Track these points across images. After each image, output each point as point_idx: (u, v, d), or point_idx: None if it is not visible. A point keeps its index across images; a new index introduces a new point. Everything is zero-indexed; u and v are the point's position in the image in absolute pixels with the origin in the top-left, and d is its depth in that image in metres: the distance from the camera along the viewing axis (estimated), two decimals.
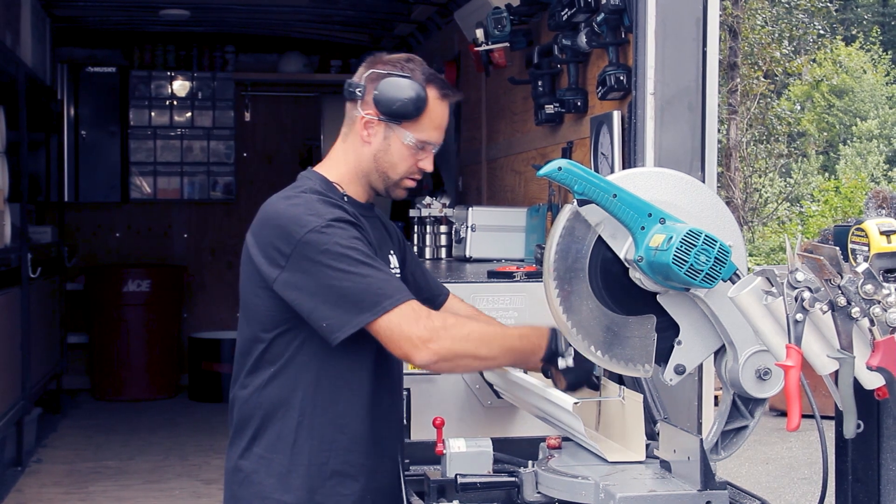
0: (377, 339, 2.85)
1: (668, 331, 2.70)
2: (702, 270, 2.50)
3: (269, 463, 2.97)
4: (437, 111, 3.06)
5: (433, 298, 3.37)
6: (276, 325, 2.95)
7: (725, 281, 2.52)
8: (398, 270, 3.20)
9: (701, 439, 2.60)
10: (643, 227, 2.60)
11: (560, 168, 2.61)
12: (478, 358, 2.94)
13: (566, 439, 3.07)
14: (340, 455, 2.97)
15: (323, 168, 3.12)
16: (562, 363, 2.99)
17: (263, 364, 2.98)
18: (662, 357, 2.72)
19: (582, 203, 2.62)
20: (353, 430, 2.99)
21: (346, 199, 3.05)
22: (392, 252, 3.21)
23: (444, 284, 3.77)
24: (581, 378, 3.02)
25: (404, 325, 2.81)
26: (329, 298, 2.82)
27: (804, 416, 2.28)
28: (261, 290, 2.94)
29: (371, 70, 3.05)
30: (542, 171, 2.64)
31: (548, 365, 3.03)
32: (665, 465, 2.80)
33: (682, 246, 2.50)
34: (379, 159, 3.05)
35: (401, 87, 3.00)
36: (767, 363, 2.60)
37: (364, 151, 3.06)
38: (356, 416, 2.99)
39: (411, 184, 3.13)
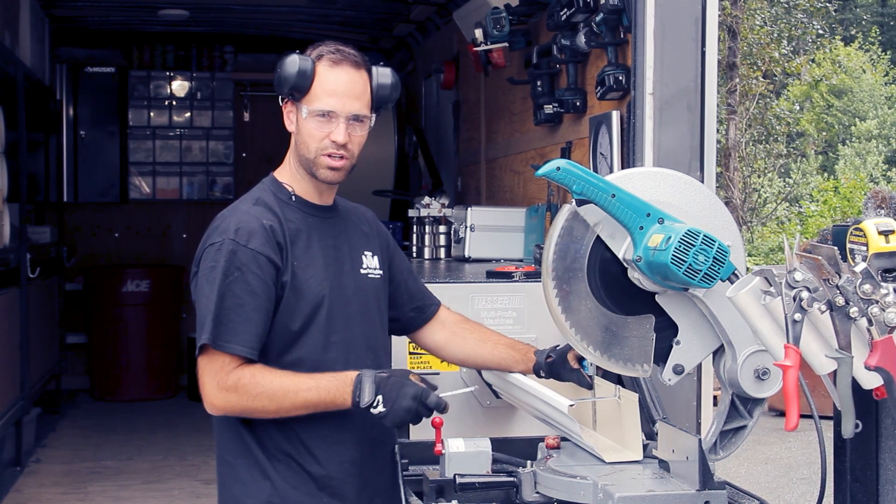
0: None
1: (667, 331, 2.70)
2: (700, 270, 2.50)
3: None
4: (328, 77, 3.03)
5: (424, 308, 3.38)
6: None
7: (724, 281, 2.52)
8: (378, 271, 3.20)
9: (699, 439, 2.60)
10: (641, 227, 2.60)
11: (559, 168, 2.61)
12: (268, 412, 2.93)
13: (564, 439, 3.08)
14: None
15: (279, 169, 3.16)
16: (374, 411, 2.87)
17: None
18: (661, 357, 2.72)
19: (580, 203, 2.62)
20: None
21: (293, 198, 3.08)
22: (369, 253, 3.20)
23: (443, 285, 3.79)
24: (401, 418, 2.87)
25: (206, 373, 2.92)
26: (198, 310, 2.98)
27: (803, 416, 2.28)
28: None
29: (286, 57, 3.12)
30: (540, 171, 2.64)
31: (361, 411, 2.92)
32: (664, 465, 2.80)
33: (680, 245, 2.50)
34: (298, 143, 3.07)
35: (287, 63, 3.06)
36: (766, 363, 2.60)
37: (293, 141, 3.10)
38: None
39: (331, 162, 3.03)
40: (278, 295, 2.97)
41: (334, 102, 3.01)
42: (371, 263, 3.18)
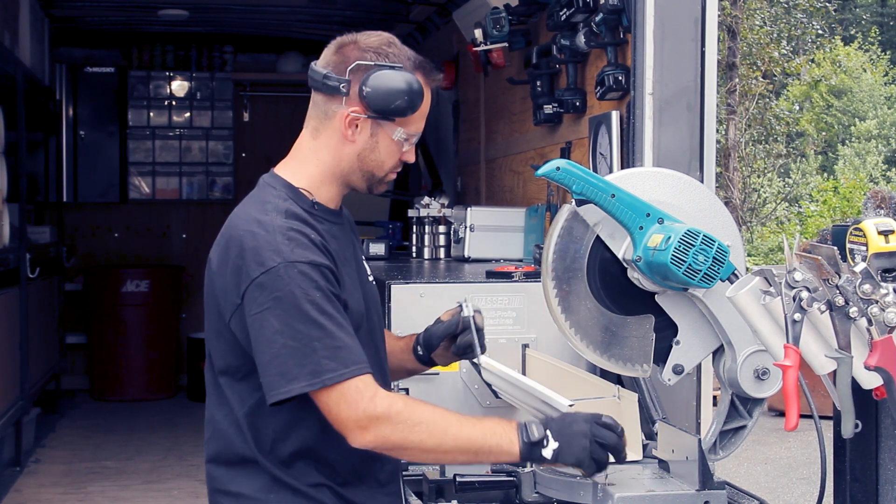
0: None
1: (667, 331, 2.70)
2: (700, 270, 2.51)
3: None
4: (427, 100, 2.75)
5: None
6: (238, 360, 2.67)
7: (723, 281, 2.52)
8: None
9: (699, 439, 2.61)
10: (641, 227, 2.60)
11: (558, 168, 2.61)
12: (425, 451, 2.55)
13: None
14: None
15: (288, 170, 2.79)
16: (547, 452, 2.54)
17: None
18: (661, 357, 2.72)
19: (580, 203, 2.62)
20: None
21: (315, 206, 2.74)
22: (364, 258, 2.95)
23: (443, 285, 3.78)
24: (578, 450, 2.54)
25: (342, 406, 2.51)
26: (270, 352, 2.52)
27: (802, 416, 2.28)
28: (221, 322, 2.67)
29: (355, 62, 2.69)
30: (540, 171, 2.63)
31: (532, 460, 2.60)
32: (663, 465, 2.80)
33: (680, 245, 2.50)
34: (364, 158, 2.73)
35: (395, 81, 2.66)
36: (766, 363, 2.60)
37: (346, 151, 2.73)
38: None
39: (393, 177, 2.82)
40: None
41: (423, 125, 2.78)
42: (368, 267, 2.95)
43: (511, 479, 2.89)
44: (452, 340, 3.04)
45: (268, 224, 2.60)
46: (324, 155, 2.75)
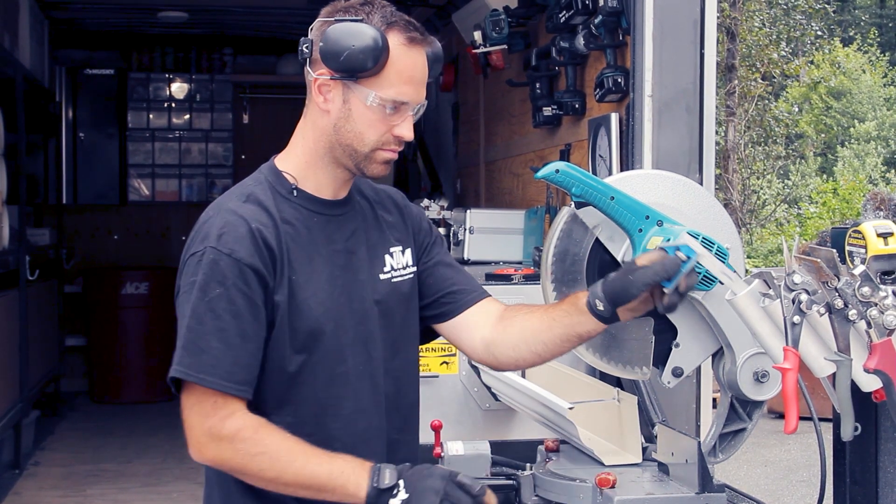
0: None
1: (666, 333, 2.69)
2: (699, 272, 2.50)
3: None
4: (405, 60, 2.46)
5: (460, 294, 2.72)
6: None
7: (723, 283, 2.52)
8: (408, 270, 2.66)
9: (699, 442, 2.60)
10: (640, 230, 2.59)
11: (558, 171, 2.59)
12: (265, 480, 2.40)
13: (564, 442, 3.07)
14: None
15: (282, 154, 2.60)
16: (395, 502, 2.33)
17: None
18: (660, 360, 2.71)
19: (579, 205, 2.62)
20: None
21: (294, 192, 2.52)
22: (397, 248, 2.65)
23: None
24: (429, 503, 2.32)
25: (195, 414, 2.39)
26: (180, 331, 2.40)
27: (802, 419, 2.28)
28: None
29: (319, 20, 2.48)
30: (539, 174, 2.61)
31: None
32: (663, 468, 2.80)
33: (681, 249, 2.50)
34: (340, 129, 2.47)
35: (350, 32, 2.41)
36: (765, 365, 2.58)
37: (324, 123, 2.49)
38: None
39: (389, 155, 2.52)
40: (269, 319, 2.42)
41: (412, 93, 2.47)
42: (398, 262, 2.65)
43: (511, 482, 2.88)
44: (659, 289, 2.43)
45: (221, 206, 2.48)
46: (307, 133, 2.55)
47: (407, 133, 2.49)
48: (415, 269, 2.68)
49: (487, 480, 2.92)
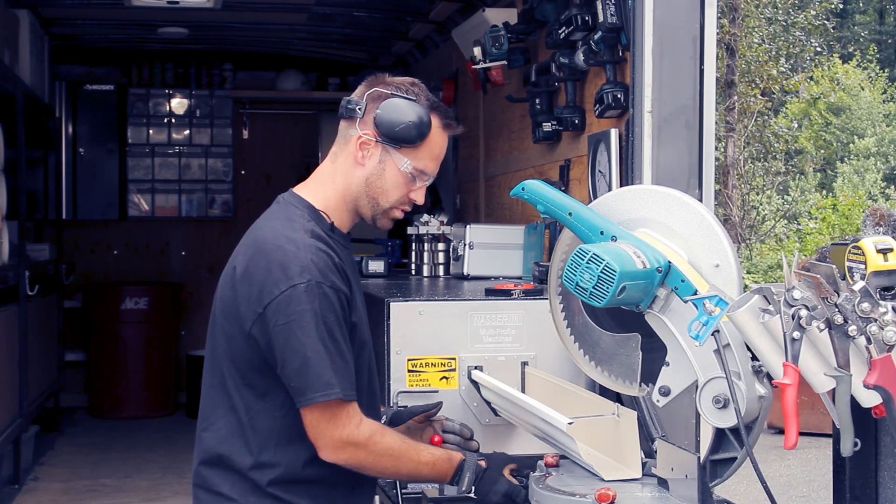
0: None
1: (661, 352, 2.68)
2: (586, 288, 2.53)
3: None
4: (438, 141, 2.96)
5: None
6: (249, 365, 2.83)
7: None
8: None
9: (698, 457, 2.60)
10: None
11: (524, 188, 2.75)
12: (385, 473, 2.92)
13: (564, 457, 3.07)
14: None
15: (308, 191, 2.96)
16: (460, 489, 2.92)
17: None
18: (655, 377, 2.71)
19: (547, 220, 2.71)
20: None
21: (333, 230, 2.91)
22: None
23: (442, 302, 3.78)
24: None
25: (330, 424, 2.75)
26: (296, 361, 2.72)
27: (802, 434, 2.28)
28: (237, 327, 2.82)
29: (374, 89, 2.92)
30: (511, 192, 2.78)
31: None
32: (663, 484, 2.80)
33: (571, 263, 2.54)
34: (371, 184, 2.91)
35: (404, 109, 2.88)
36: (726, 391, 2.51)
37: (355, 174, 2.91)
38: None
39: (399, 214, 2.99)
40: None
41: (434, 168, 2.98)
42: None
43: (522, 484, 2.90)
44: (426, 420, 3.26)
45: (298, 241, 2.77)
46: (338, 178, 2.93)
47: (420, 199, 2.97)
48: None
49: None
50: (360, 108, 2.90)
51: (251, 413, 2.83)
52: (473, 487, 2.88)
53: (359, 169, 2.91)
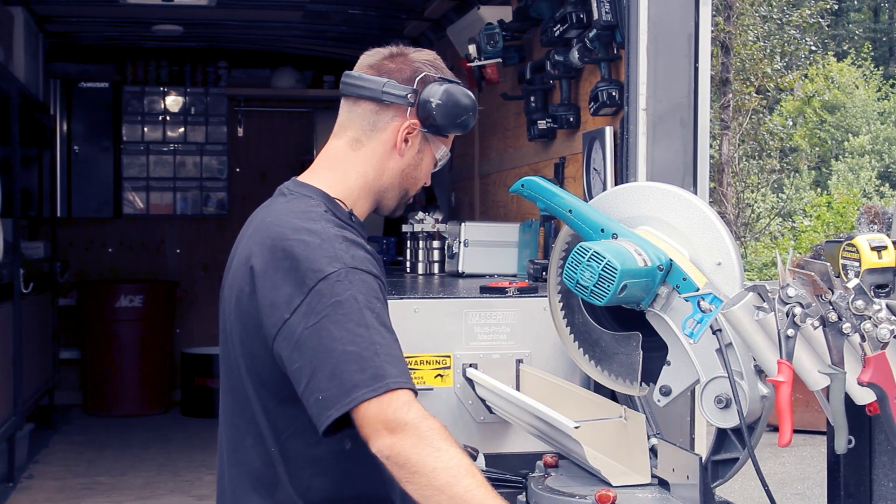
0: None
1: (662, 351, 2.67)
2: (587, 287, 2.52)
3: None
4: None
5: None
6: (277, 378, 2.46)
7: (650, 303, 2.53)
8: None
9: (699, 458, 2.59)
10: None
11: (523, 185, 2.69)
12: (431, 483, 2.25)
13: (563, 457, 3.07)
14: None
15: (321, 179, 2.66)
16: None
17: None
18: (655, 377, 2.71)
19: (546, 217, 2.68)
20: None
21: (352, 218, 2.61)
22: None
23: (437, 300, 3.78)
24: None
25: (380, 409, 2.27)
26: (330, 363, 2.31)
27: (796, 432, 2.28)
28: (259, 340, 2.47)
29: (421, 73, 2.63)
30: (511, 189, 2.72)
31: None
32: (664, 485, 2.79)
33: (571, 262, 2.53)
34: (407, 175, 2.66)
35: (461, 97, 2.64)
36: (728, 391, 2.50)
37: (390, 164, 2.64)
38: None
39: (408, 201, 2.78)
40: None
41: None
42: None
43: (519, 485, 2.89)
44: None
45: (321, 232, 2.45)
46: (366, 168, 2.64)
47: (429, 182, 2.73)
48: None
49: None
50: (410, 95, 2.60)
51: (281, 439, 2.49)
52: None
53: (395, 159, 2.64)
